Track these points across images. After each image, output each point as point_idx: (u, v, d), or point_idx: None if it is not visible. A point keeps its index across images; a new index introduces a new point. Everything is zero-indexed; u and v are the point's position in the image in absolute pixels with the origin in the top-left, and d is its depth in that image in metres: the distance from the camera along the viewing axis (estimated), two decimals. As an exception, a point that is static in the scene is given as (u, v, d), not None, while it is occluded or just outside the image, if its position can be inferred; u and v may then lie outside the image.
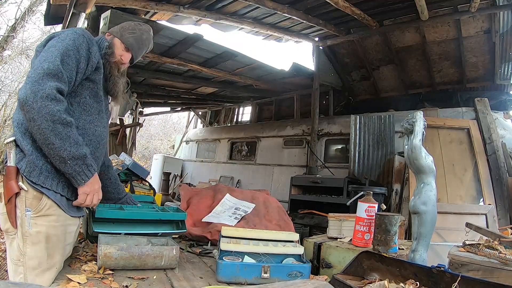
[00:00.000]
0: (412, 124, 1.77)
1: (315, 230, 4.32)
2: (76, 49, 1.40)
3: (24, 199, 1.31)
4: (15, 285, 0.72)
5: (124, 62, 1.69)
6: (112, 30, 1.71)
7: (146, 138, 18.99)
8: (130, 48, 1.68)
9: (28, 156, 1.32)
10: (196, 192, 2.71)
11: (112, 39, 1.67)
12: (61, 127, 1.28)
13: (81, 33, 1.46)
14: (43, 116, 1.24)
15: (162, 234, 1.78)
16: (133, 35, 1.69)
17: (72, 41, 1.40)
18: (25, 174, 1.31)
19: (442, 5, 4.77)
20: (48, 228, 1.34)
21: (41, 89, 1.25)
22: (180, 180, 9.17)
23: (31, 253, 1.31)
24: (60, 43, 1.37)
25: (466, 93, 5.75)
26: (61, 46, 1.36)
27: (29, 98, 1.24)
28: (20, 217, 1.31)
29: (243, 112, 10.06)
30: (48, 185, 1.33)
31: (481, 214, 3.95)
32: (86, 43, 1.45)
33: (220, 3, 4.68)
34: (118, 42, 1.66)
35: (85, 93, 1.48)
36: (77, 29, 1.51)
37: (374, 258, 1.52)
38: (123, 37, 1.68)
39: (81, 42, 1.43)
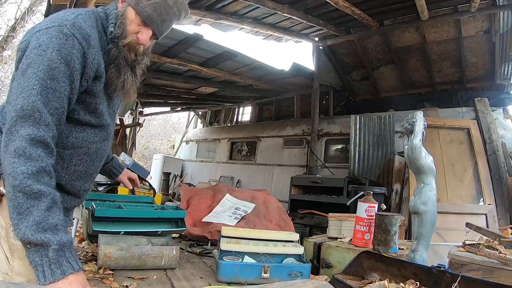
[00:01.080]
0: (412, 124, 1.77)
1: (315, 230, 4.32)
2: (65, 63, 1.03)
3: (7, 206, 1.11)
4: (15, 285, 0.72)
5: (142, 42, 1.21)
6: None
7: (146, 138, 18.99)
8: (148, 21, 1.19)
9: None
10: (196, 192, 2.72)
11: (125, 8, 1.19)
12: (22, 198, 0.92)
13: (70, 33, 1.05)
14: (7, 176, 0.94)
15: (162, 232, 1.78)
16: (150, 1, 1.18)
17: (57, 52, 1.02)
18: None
19: (442, 5, 4.77)
20: None
21: (12, 141, 0.95)
22: (180, 180, 9.17)
23: (19, 269, 1.12)
24: (40, 58, 1.01)
25: (466, 93, 5.75)
26: (41, 65, 1.00)
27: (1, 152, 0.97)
28: (4, 227, 1.11)
29: (243, 112, 10.06)
30: None
31: (481, 214, 3.95)
32: (79, 49, 1.07)
33: (220, 3, 4.68)
34: (133, 13, 1.18)
35: (79, 108, 1.15)
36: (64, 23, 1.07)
37: (374, 258, 1.52)
38: (139, 5, 1.17)
39: (71, 50, 1.05)
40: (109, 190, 2.65)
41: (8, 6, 10.36)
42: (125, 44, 1.18)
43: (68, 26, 1.06)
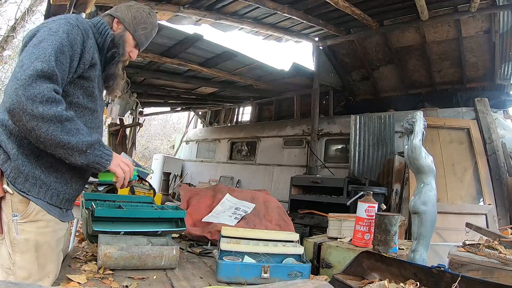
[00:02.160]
0: (412, 124, 1.77)
1: (315, 230, 4.32)
2: (70, 44, 1.22)
3: (10, 202, 1.20)
4: (15, 285, 0.72)
5: (132, 59, 1.55)
6: (123, 19, 1.48)
7: (146, 138, 18.99)
8: (140, 45, 1.54)
9: (13, 161, 1.20)
10: (196, 192, 2.72)
11: (123, 32, 1.47)
12: (69, 124, 1.17)
13: (75, 24, 1.27)
14: (50, 119, 1.11)
15: (162, 232, 1.78)
16: (145, 31, 1.52)
17: (66, 34, 1.21)
18: (10, 180, 1.19)
19: (442, 5, 4.77)
20: (37, 235, 1.22)
21: (38, 92, 1.09)
22: (180, 180, 9.17)
23: (20, 262, 1.20)
24: (53, 36, 1.18)
25: (466, 93, 5.75)
26: (54, 41, 1.17)
27: (26, 105, 1.08)
28: (6, 222, 1.20)
29: (243, 112, 10.06)
30: (34, 194, 1.21)
31: (481, 214, 3.95)
32: (81, 37, 1.27)
33: (220, 3, 4.67)
34: (130, 38, 1.49)
35: (78, 92, 1.32)
36: (70, 17, 1.29)
37: (374, 258, 1.52)
38: (136, 32, 1.50)
39: (75, 36, 1.25)
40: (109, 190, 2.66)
41: (8, 6, 10.36)
42: (124, 60, 1.51)
43: (73, 19, 1.28)
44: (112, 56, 1.46)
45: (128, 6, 1.53)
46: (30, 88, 1.09)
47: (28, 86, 1.09)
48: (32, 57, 1.13)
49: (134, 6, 1.53)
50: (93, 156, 1.22)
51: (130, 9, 1.51)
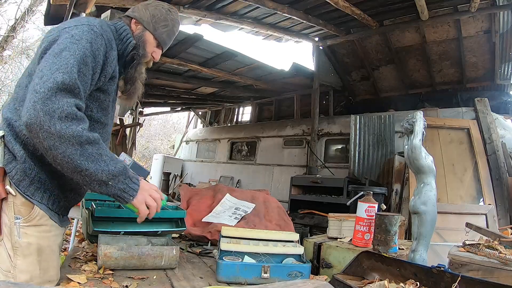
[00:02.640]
0: (412, 124, 1.77)
1: (315, 230, 4.33)
2: (93, 55, 1.14)
3: (13, 205, 1.15)
4: (15, 285, 0.72)
5: (156, 59, 1.46)
6: (141, 18, 1.38)
7: (146, 138, 18.99)
8: (163, 44, 1.44)
9: (20, 163, 1.14)
10: (196, 192, 2.71)
11: (142, 32, 1.38)
12: (90, 148, 1.06)
13: (100, 32, 1.18)
14: (67, 140, 1.02)
15: (162, 232, 1.78)
16: (167, 28, 1.41)
17: (89, 43, 1.13)
18: (14, 182, 1.14)
19: (442, 5, 4.77)
20: (40, 240, 1.19)
21: (57, 107, 1.00)
22: (180, 180, 9.17)
23: (22, 266, 1.16)
24: (75, 45, 1.10)
25: (466, 93, 5.76)
26: (76, 50, 1.09)
27: (44, 121, 0.99)
28: (8, 224, 1.15)
29: (243, 112, 10.06)
30: (38, 198, 1.17)
31: (481, 214, 3.95)
32: (104, 47, 1.19)
33: (220, 3, 4.68)
34: (151, 38, 1.40)
35: (93, 105, 1.23)
36: (93, 23, 1.19)
37: (374, 258, 1.52)
38: (157, 31, 1.40)
39: (99, 46, 1.16)
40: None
41: (8, 6, 10.36)
42: (146, 61, 1.41)
43: (97, 26, 1.19)
44: (132, 58, 1.37)
45: (145, 4, 1.43)
46: (49, 102, 1.01)
47: (47, 99, 1.01)
48: (53, 68, 1.04)
49: (152, 4, 1.43)
50: (115, 189, 1.12)
51: (148, 7, 1.41)
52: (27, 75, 1.20)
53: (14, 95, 1.21)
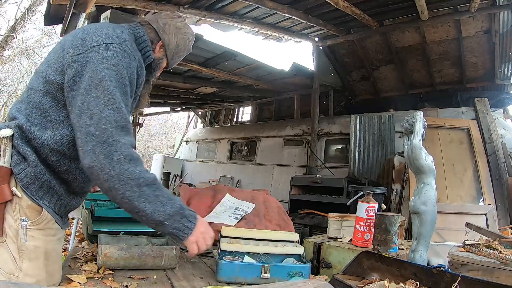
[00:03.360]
0: (412, 124, 1.77)
1: (315, 230, 4.33)
2: (130, 80, 1.16)
3: (18, 207, 1.13)
4: (15, 285, 0.72)
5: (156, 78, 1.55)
6: (168, 45, 1.40)
7: (146, 138, 18.99)
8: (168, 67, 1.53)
9: (32, 167, 1.13)
10: (196, 192, 2.71)
11: (162, 59, 1.43)
12: (148, 190, 1.10)
13: (132, 54, 1.20)
14: (126, 183, 1.07)
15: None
16: (180, 58, 1.51)
17: (126, 70, 1.15)
18: (22, 184, 1.13)
19: (442, 5, 4.77)
20: (47, 243, 1.18)
21: (114, 150, 1.06)
22: (180, 180, 9.17)
23: (28, 270, 1.14)
24: (114, 71, 1.11)
25: (466, 93, 5.76)
26: (116, 80, 1.11)
27: (104, 165, 1.04)
28: (14, 227, 1.13)
29: (243, 112, 10.06)
30: (46, 202, 1.17)
31: (481, 214, 3.95)
32: (137, 68, 1.21)
33: (220, 3, 4.67)
34: (165, 63, 1.47)
35: None
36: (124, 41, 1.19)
37: (374, 258, 1.52)
38: (173, 60, 1.48)
39: (134, 69, 1.19)
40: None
41: (8, 6, 10.36)
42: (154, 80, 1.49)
43: (128, 46, 1.19)
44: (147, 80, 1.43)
45: (177, 29, 1.42)
46: (107, 145, 1.06)
47: (104, 142, 1.05)
48: (100, 104, 1.07)
49: (182, 31, 1.44)
50: (171, 228, 1.16)
51: (178, 34, 1.42)
52: (45, 81, 1.18)
53: (26, 98, 1.20)
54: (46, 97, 1.17)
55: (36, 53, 10.93)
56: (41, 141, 1.14)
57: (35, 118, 1.16)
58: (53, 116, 1.16)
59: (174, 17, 1.44)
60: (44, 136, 1.14)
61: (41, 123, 1.16)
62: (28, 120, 1.16)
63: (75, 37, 1.20)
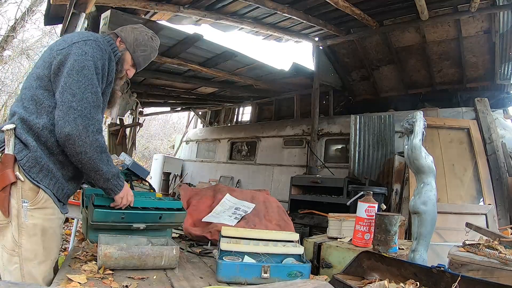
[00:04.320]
0: (412, 124, 1.77)
1: (315, 230, 4.32)
2: (102, 67, 1.43)
3: (21, 190, 1.32)
4: (15, 285, 0.72)
5: (129, 76, 1.72)
6: (126, 39, 1.63)
7: (146, 138, 18.99)
8: (137, 65, 1.70)
9: (32, 152, 1.33)
10: (196, 192, 2.71)
11: (124, 52, 1.63)
12: (105, 155, 1.41)
13: (105, 49, 1.47)
14: (95, 149, 1.36)
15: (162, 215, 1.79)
16: (144, 53, 1.68)
17: (100, 61, 1.42)
18: (25, 168, 1.32)
19: (442, 5, 4.77)
20: (44, 221, 1.37)
21: (91, 124, 1.34)
22: (180, 180, 9.17)
23: (27, 245, 1.33)
24: (92, 62, 1.38)
25: (466, 93, 5.75)
26: (93, 67, 1.38)
27: (82, 133, 1.31)
28: (16, 207, 1.31)
29: (243, 112, 10.06)
30: (46, 184, 1.36)
31: (481, 214, 3.95)
32: (108, 60, 1.47)
33: (220, 3, 4.67)
34: (129, 58, 1.65)
35: None
36: (99, 40, 1.47)
37: (374, 258, 1.52)
38: (135, 53, 1.65)
39: (105, 60, 1.45)
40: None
41: (8, 6, 10.35)
42: (121, 77, 1.68)
43: (102, 42, 1.48)
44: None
45: (133, 27, 1.68)
46: (86, 119, 1.33)
47: (84, 116, 1.32)
48: (81, 86, 1.34)
49: (139, 29, 1.68)
50: (111, 185, 1.49)
51: (134, 31, 1.66)
52: (36, 78, 1.41)
53: (22, 96, 1.42)
54: (39, 89, 1.39)
55: (36, 53, 10.93)
56: (41, 125, 1.35)
57: (31, 109, 1.37)
58: (47, 103, 1.38)
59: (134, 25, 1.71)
60: (42, 121, 1.36)
61: (37, 111, 1.37)
62: (26, 111, 1.37)
63: (58, 41, 1.49)
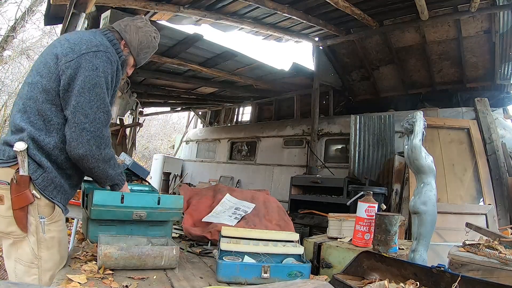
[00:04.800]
0: (412, 124, 1.77)
1: (315, 230, 4.32)
2: (111, 83, 1.48)
3: (37, 206, 1.39)
4: (15, 285, 0.72)
5: (128, 75, 1.77)
6: (130, 42, 1.63)
7: (146, 138, 18.99)
8: (138, 65, 1.73)
9: (47, 172, 1.40)
10: (196, 192, 2.72)
11: (128, 56, 1.65)
12: (112, 161, 1.53)
13: (114, 60, 1.49)
14: (105, 161, 1.46)
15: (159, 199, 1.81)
16: (146, 55, 1.70)
17: (111, 75, 1.46)
18: (40, 187, 1.39)
19: (442, 5, 4.77)
20: (59, 233, 1.48)
21: (103, 142, 1.43)
22: (180, 180, 9.17)
23: (47, 256, 1.42)
24: (103, 78, 1.41)
25: (466, 93, 5.75)
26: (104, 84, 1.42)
27: (95, 153, 1.41)
28: (34, 224, 1.39)
29: (243, 112, 10.06)
30: (58, 199, 1.47)
31: (481, 214, 3.95)
32: (117, 71, 1.51)
33: (220, 3, 4.67)
34: (132, 60, 1.68)
35: None
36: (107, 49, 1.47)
37: (374, 258, 1.52)
38: (138, 56, 1.68)
39: (114, 74, 1.49)
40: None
41: (8, 6, 10.35)
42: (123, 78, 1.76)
43: (111, 53, 1.48)
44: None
45: (137, 28, 1.64)
46: (98, 139, 1.41)
47: (97, 137, 1.40)
48: (93, 106, 1.39)
49: (143, 29, 1.65)
50: (116, 181, 1.61)
51: (139, 32, 1.63)
52: (42, 90, 1.40)
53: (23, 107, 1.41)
54: (46, 104, 1.39)
55: (36, 53, 10.92)
56: (52, 145, 1.41)
57: (39, 125, 1.39)
58: (55, 120, 1.41)
59: (135, 18, 1.67)
60: (53, 140, 1.41)
61: (46, 128, 1.40)
62: (34, 128, 1.39)
63: (63, 47, 1.43)
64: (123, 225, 1.78)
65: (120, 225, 1.77)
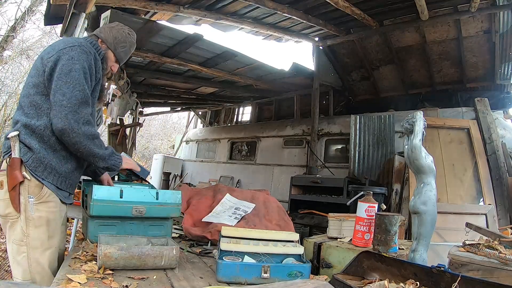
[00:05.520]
0: (412, 124, 1.77)
1: (315, 230, 4.32)
2: (89, 68, 1.60)
3: (27, 187, 1.52)
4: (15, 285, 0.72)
5: (113, 72, 1.91)
6: (106, 39, 1.80)
7: (146, 138, 18.98)
8: (120, 61, 1.88)
9: (36, 153, 1.53)
10: (196, 192, 2.72)
11: (106, 51, 1.80)
12: (97, 141, 1.61)
13: (89, 51, 1.63)
14: (87, 137, 1.55)
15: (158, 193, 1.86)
16: (124, 49, 1.86)
17: (86, 62, 1.59)
18: (30, 168, 1.52)
19: (442, 5, 4.77)
20: (48, 213, 1.57)
21: (80, 117, 1.52)
22: (180, 180, 9.17)
23: (34, 234, 1.53)
24: (77, 64, 1.55)
25: (466, 93, 5.75)
26: (80, 69, 1.56)
27: (74, 127, 1.50)
28: (23, 203, 1.51)
29: (243, 112, 10.05)
30: (50, 180, 1.57)
31: (481, 214, 3.95)
32: (93, 60, 1.64)
33: (220, 3, 4.67)
34: (111, 55, 1.83)
35: None
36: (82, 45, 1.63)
37: (374, 258, 1.52)
38: (116, 50, 1.83)
39: (91, 61, 1.62)
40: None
41: (8, 6, 10.34)
42: (106, 74, 1.86)
43: (85, 46, 1.64)
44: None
45: (110, 27, 1.85)
46: (76, 114, 1.51)
47: (74, 112, 1.51)
48: (70, 87, 1.52)
49: (116, 27, 1.85)
50: (111, 162, 1.69)
51: (112, 30, 1.83)
52: (32, 86, 1.58)
53: (22, 104, 1.60)
54: (36, 95, 1.57)
55: (36, 53, 10.92)
56: (42, 126, 1.54)
57: (32, 113, 1.56)
58: (45, 106, 1.56)
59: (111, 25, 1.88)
60: (43, 122, 1.55)
61: (37, 114, 1.56)
62: (28, 117, 1.55)
63: (46, 50, 1.65)
64: (123, 224, 1.78)
65: (120, 224, 1.78)
